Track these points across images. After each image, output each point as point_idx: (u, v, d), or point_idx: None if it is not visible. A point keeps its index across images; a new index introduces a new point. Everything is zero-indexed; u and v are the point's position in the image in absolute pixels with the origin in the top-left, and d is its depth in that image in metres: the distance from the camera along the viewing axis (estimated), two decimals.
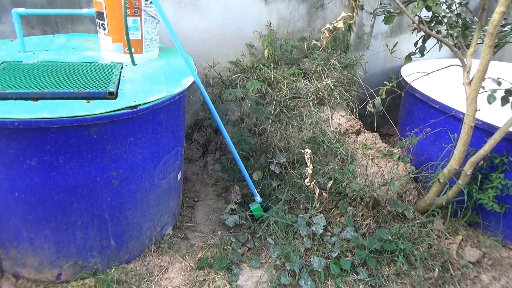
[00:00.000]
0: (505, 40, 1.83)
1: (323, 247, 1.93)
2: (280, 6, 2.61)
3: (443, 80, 2.70)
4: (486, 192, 2.06)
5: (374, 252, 1.91)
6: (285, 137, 2.41)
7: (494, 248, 2.11)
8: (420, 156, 2.48)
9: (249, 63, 2.67)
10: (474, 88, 1.79)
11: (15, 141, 1.22)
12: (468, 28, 2.05)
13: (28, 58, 1.62)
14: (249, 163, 2.38)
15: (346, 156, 2.33)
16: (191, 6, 2.33)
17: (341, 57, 2.74)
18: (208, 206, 2.26)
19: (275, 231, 1.98)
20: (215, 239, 2.01)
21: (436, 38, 1.97)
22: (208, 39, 2.49)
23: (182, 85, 1.57)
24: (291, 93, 2.53)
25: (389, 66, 3.28)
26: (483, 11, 1.82)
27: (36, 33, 2.02)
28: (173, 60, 1.87)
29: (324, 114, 2.53)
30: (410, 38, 3.21)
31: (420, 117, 2.50)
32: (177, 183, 1.90)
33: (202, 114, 2.68)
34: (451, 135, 2.22)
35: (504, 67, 3.21)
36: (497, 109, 1.94)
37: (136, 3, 1.60)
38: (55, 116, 1.19)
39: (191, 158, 2.59)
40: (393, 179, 2.17)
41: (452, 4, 2.05)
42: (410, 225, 2.06)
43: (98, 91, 1.34)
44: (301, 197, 2.14)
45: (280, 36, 2.72)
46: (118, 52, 1.72)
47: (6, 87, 1.28)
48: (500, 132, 1.82)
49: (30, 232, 1.46)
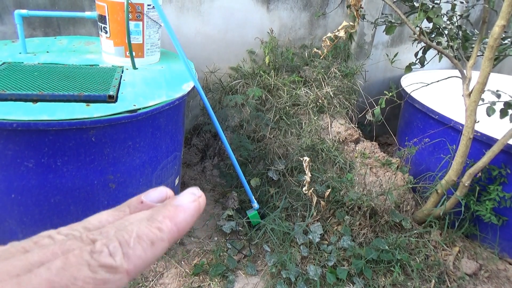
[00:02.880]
0: (505, 53, 1.84)
1: (319, 255, 1.92)
2: (282, 14, 2.63)
3: (442, 91, 2.71)
4: (484, 204, 2.06)
5: (371, 261, 1.90)
6: (284, 144, 2.41)
7: (491, 261, 2.10)
8: (418, 166, 2.49)
9: (250, 70, 2.68)
10: (474, 100, 1.80)
11: (13, 143, 1.22)
12: (468, 40, 2.06)
13: (29, 60, 1.62)
14: (247, 169, 2.38)
15: (344, 165, 2.33)
16: (193, 12, 2.34)
17: (341, 65, 2.75)
18: (205, 211, 2.25)
19: (271, 238, 1.98)
20: (211, 245, 2.00)
21: (437, 49, 1.98)
22: (210, 44, 2.49)
23: (182, 90, 1.57)
24: (291, 101, 2.53)
25: (389, 76, 3.29)
26: (484, 24, 1.83)
27: (37, 34, 2.02)
28: (174, 65, 1.87)
29: (324, 122, 2.53)
30: (411, 48, 3.22)
31: (419, 127, 2.50)
32: (174, 188, 1.89)
33: (201, 119, 2.68)
34: (450, 146, 2.23)
35: (503, 80, 3.22)
36: (496, 122, 1.95)
37: (138, 7, 1.60)
38: (54, 119, 1.18)
39: (190, 163, 2.58)
40: (391, 189, 2.17)
41: (453, 16, 2.06)
42: (407, 236, 2.05)
43: (98, 94, 1.34)
44: (298, 205, 2.13)
45: (282, 43, 2.73)
46: (119, 56, 1.72)
47: (6, 88, 1.28)
48: (499, 144, 1.83)
49: (25, 234, 1.45)
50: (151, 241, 0.26)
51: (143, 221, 0.27)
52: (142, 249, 0.25)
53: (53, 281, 0.22)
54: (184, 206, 0.29)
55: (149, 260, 0.26)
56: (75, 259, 0.23)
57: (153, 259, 0.26)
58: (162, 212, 0.28)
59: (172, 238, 0.27)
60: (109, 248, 0.24)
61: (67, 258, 0.23)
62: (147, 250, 0.25)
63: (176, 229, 0.27)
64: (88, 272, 0.23)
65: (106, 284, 0.23)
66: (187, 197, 0.29)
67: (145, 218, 0.27)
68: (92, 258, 0.23)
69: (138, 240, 0.25)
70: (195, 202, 0.29)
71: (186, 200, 0.29)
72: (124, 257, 0.24)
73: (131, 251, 0.25)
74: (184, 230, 0.28)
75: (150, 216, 0.27)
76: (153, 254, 0.26)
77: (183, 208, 0.28)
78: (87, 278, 0.23)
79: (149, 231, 0.26)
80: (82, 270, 0.23)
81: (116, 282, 0.24)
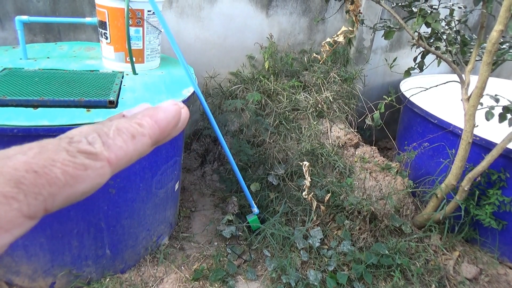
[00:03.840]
0: (503, 58, 1.85)
1: (319, 260, 1.92)
2: (282, 19, 2.64)
3: (441, 95, 2.72)
4: (484, 208, 2.06)
5: (371, 266, 1.90)
6: (284, 149, 2.41)
7: (491, 265, 2.10)
8: (418, 170, 2.49)
9: (250, 75, 2.69)
10: (472, 104, 1.80)
11: None
12: (466, 45, 2.07)
13: (29, 65, 1.63)
14: (247, 174, 2.38)
15: (344, 169, 2.33)
16: (193, 17, 2.35)
17: (340, 70, 2.77)
18: (205, 216, 2.25)
19: (271, 243, 1.97)
20: (211, 250, 2.00)
21: (435, 54, 1.99)
22: (209, 49, 2.51)
23: (182, 95, 1.57)
24: (290, 105, 2.54)
25: (388, 81, 3.30)
26: (482, 29, 1.84)
27: (38, 40, 2.03)
28: (174, 70, 1.88)
29: (323, 127, 2.54)
30: (409, 53, 3.24)
31: (419, 132, 2.51)
32: (174, 192, 1.89)
33: (201, 124, 2.69)
34: (449, 151, 2.23)
35: (502, 84, 3.23)
36: (495, 126, 1.95)
37: (139, 13, 1.61)
38: (54, 124, 1.19)
39: (189, 168, 2.59)
40: (391, 193, 2.17)
41: (451, 21, 2.08)
42: (407, 240, 2.05)
43: (98, 100, 1.34)
44: (298, 210, 2.13)
45: (281, 48, 2.75)
46: (119, 61, 1.73)
47: (7, 94, 1.29)
48: (498, 149, 1.83)
49: (25, 240, 1.45)
50: (131, 134, 0.25)
51: (122, 119, 0.27)
52: (123, 140, 0.25)
53: (30, 163, 0.22)
54: (163, 107, 0.29)
55: (131, 153, 0.25)
56: (52, 146, 0.23)
57: (135, 152, 0.26)
58: (141, 112, 0.28)
59: (153, 134, 0.27)
60: (87, 138, 0.24)
61: (43, 147, 0.23)
62: (127, 142, 0.25)
63: (157, 126, 0.27)
64: (66, 155, 0.23)
65: (87, 169, 0.23)
66: (167, 101, 0.30)
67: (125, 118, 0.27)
68: (70, 145, 0.23)
69: (118, 132, 0.25)
70: (175, 106, 0.29)
71: (166, 103, 0.29)
72: (104, 145, 0.24)
73: (110, 141, 0.24)
74: (166, 129, 0.28)
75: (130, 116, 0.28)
76: (134, 147, 0.25)
77: (163, 109, 0.29)
78: (66, 161, 0.22)
79: (128, 125, 0.26)
80: (60, 153, 0.22)
81: (98, 169, 0.23)
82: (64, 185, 0.22)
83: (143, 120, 0.27)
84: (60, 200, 0.22)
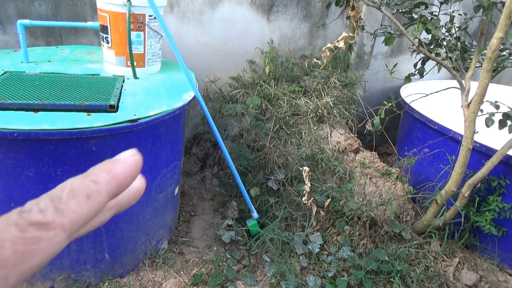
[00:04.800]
0: (503, 65, 1.86)
1: (319, 266, 1.92)
2: (282, 24, 2.65)
3: (442, 101, 2.73)
4: (484, 214, 2.05)
5: (371, 272, 1.89)
6: (284, 153, 2.41)
7: (491, 272, 2.09)
8: (418, 176, 2.49)
9: (250, 79, 2.70)
10: (473, 111, 1.81)
11: (14, 152, 1.22)
12: (467, 52, 2.08)
13: (30, 69, 1.63)
14: (247, 179, 2.38)
15: (344, 175, 2.33)
16: (194, 22, 2.36)
17: (341, 75, 2.77)
18: (204, 221, 2.25)
19: (271, 248, 1.97)
20: (210, 255, 1.99)
21: (436, 60, 2.00)
22: (210, 54, 2.51)
23: (182, 100, 1.57)
24: (290, 110, 2.54)
25: (388, 86, 3.31)
26: (482, 36, 1.85)
27: (39, 44, 2.04)
28: (174, 75, 1.88)
29: (323, 132, 2.54)
30: (410, 59, 3.24)
31: (419, 138, 2.51)
32: (174, 197, 1.89)
33: (201, 128, 2.69)
34: (449, 157, 2.23)
35: (502, 90, 3.24)
36: (495, 132, 1.95)
37: (140, 18, 1.62)
38: (55, 128, 1.19)
39: (189, 172, 2.58)
40: (391, 199, 2.17)
41: (451, 28, 2.08)
42: (407, 246, 2.04)
43: (99, 104, 1.34)
44: (298, 215, 2.13)
45: (282, 53, 2.75)
46: (120, 66, 1.73)
47: (7, 97, 1.29)
48: (498, 155, 1.83)
49: None
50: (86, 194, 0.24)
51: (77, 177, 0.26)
52: (77, 203, 0.24)
53: None
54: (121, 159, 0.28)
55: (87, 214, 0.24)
56: (1, 222, 0.22)
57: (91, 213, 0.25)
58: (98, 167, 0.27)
59: (111, 190, 0.26)
60: (39, 206, 0.23)
61: None
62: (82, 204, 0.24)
63: (115, 181, 0.26)
64: (16, 231, 0.21)
65: (40, 242, 0.22)
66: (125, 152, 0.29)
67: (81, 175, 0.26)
68: (20, 218, 0.22)
69: (71, 194, 0.24)
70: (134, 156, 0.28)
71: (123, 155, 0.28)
72: (57, 212, 0.23)
73: (63, 205, 0.23)
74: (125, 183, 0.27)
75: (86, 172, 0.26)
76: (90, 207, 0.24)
77: (121, 161, 0.27)
78: (15, 238, 0.21)
79: (83, 185, 0.25)
80: (9, 230, 0.21)
81: (51, 239, 0.22)
82: (15, 264, 0.21)
83: (99, 177, 0.26)
84: (14, 279, 0.21)
